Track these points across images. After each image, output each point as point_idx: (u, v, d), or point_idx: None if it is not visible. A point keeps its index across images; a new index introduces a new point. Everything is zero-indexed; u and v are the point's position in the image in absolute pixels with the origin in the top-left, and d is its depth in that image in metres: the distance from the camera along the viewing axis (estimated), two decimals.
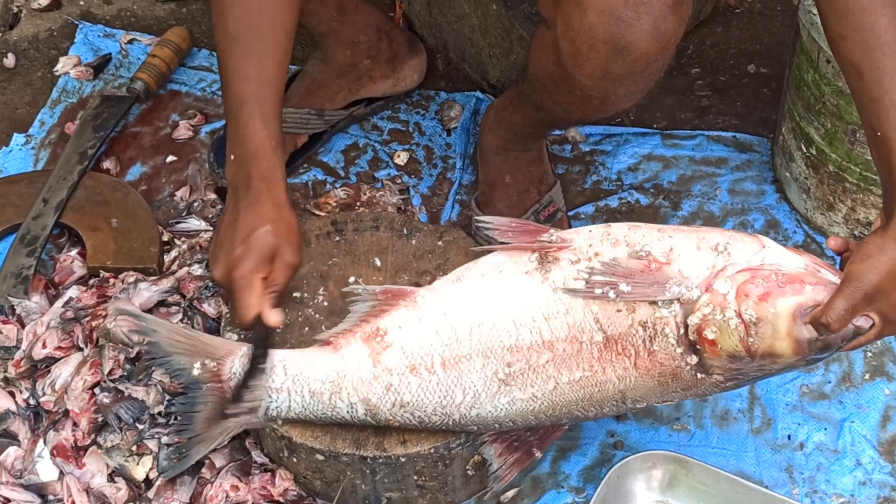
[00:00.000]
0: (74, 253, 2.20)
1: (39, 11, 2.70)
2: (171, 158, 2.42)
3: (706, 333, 1.64)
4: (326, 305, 1.95)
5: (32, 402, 1.98)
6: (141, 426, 1.91)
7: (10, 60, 2.59)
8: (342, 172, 2.40)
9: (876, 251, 1.60)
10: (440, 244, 2.03)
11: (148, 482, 1.89)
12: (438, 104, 2.52)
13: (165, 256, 2.18)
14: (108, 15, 2.70)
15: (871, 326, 1.61)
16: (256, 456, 1.92)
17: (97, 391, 1.95)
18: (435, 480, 1.87)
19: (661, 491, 1.92)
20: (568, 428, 1.87)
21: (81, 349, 2.00)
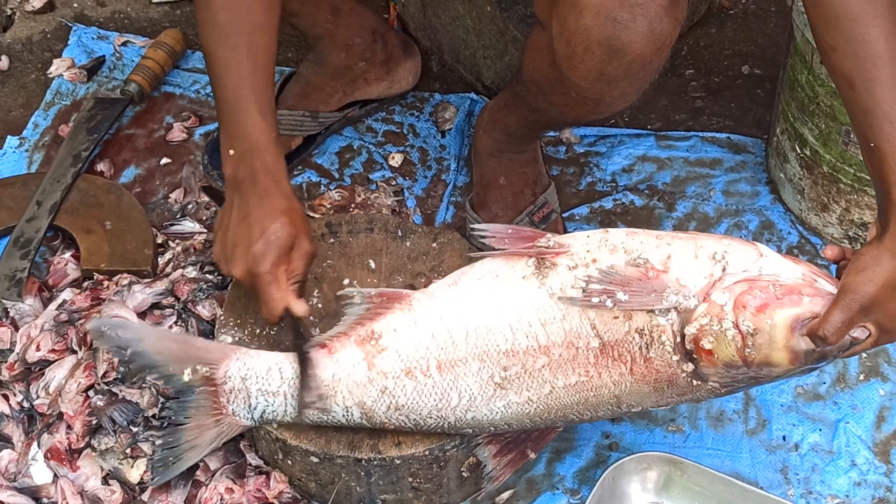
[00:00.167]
0: (68, 255, 2.20)
1: (33, 13, 2.69)
2: (165, 160, 2.41)
3: (703, 343, 1.64)
4: (321, 308, 1.94)
5: (26, 404, 1.98)
6: (135, 429, 1.91)
7: (3, 62, 2.59)
8: (336, 174, 2.40)
9: (872, 262, 1.59)
10: (435, 246, 2.03)
11: (142, 485, 1.89)
12: (433, 106, 2.52)
13: (159, 259, 2.18)
14: (101, 17, 2.70)
15: (867, 336, 1.61)
16: (251, 458, 1.92)
17: (91, 394, 1.94)
18: (430, 482, 1.87)
19: (655, 492, 1.92)
20: (563, 429, 1.87)
21: (75, 352, 2.00)
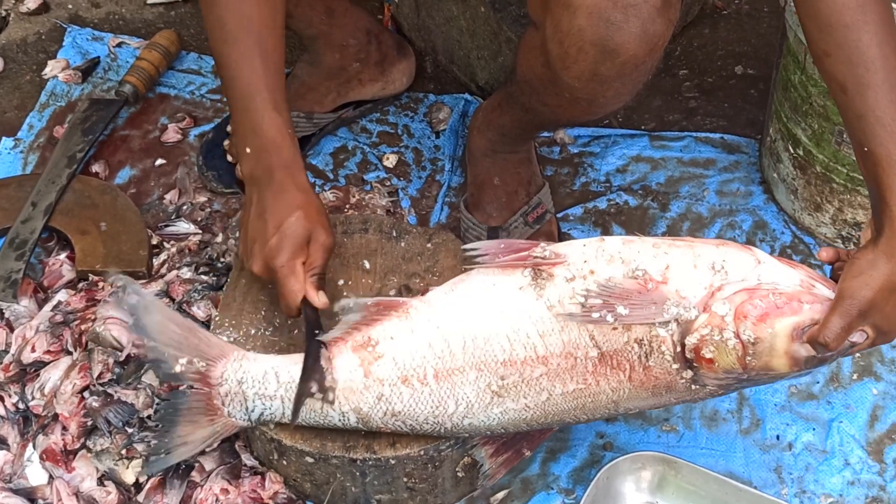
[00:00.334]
0: (63, 257, 2.19)
1: (28, 15, 2.69)
2: (159, 161, 2.41)
3: (704, 353, 1.64)
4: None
5: (21, 406, 1.97)
6: (130, 430, 1.91)
7: None
8: (331, 175, 2.40)
9: (868, 267, 1.60)
10: (429, 246, 2.02)
11: (138, 486, 1.89)
12: (427, 106, 2.52)
13: (154, 260, 2.18)
14: (96, 18, 2.69)
15: (864, 339, 1.63)
16: (246, 459, 1.91)
17: (86, 395, 1.94)
18: (425, 482, 1.87)
19: (650, 492, 1.92)
20: (558, 430, 1.86)
21: (70, 353, 2.00)
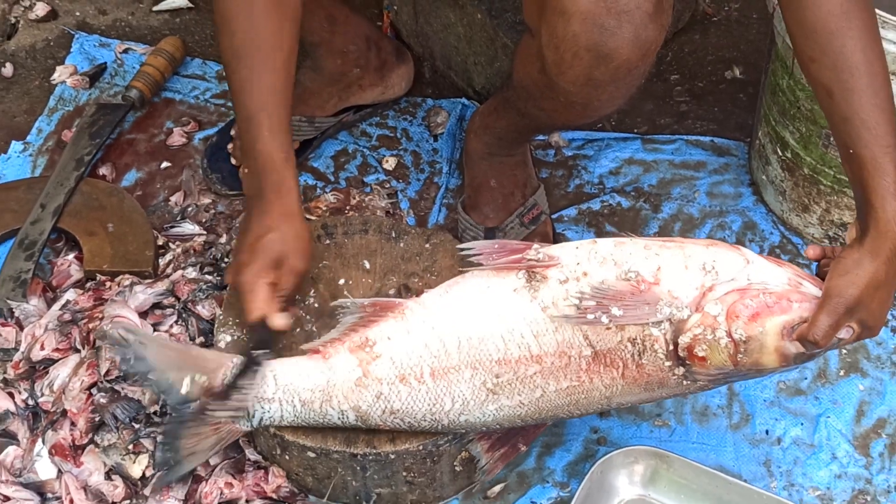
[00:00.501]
0: (71, 257, 2.19)
1: (36, 22, 2.69)
2: (165, 164, 2.41)
3: (696, 351, 1.65)
4: (317, 307, 1.94)
5: (31, 402, 1.97)
6: (137, 425, 1.91)
7: (7, 70, 2.58)
8: (332, 177, 2.40)
9: (853, 266, 1.62)
10: (427, 247, 2.02)
11: (144, 480, 1.89)
12: (425, 111, 2.51)
13: (160, 260, 2.18)
14: (103, 25, 2.69)
15: (851, 334, 1.64)
16: (250, 454, 1.91)
17: (94, 391, 1.94)
18: (423, 476, 1.87)
19: (642, 485, 1.92)
20: (553, 425, 1.87)
21: (79, 351, 2.00)
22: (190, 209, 2.29)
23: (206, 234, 2.21)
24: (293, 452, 1.85)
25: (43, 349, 2.00)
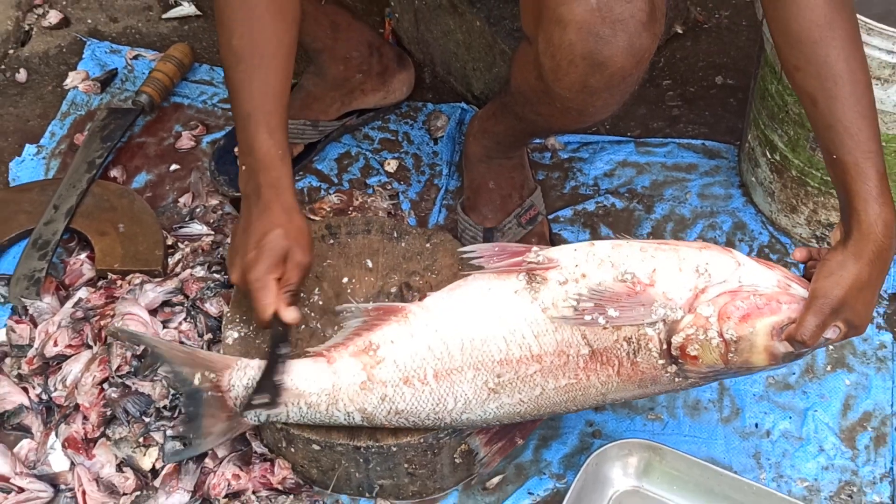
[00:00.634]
0: (84, 256, 2.19)
1: (49, 29, 2.69)
2: (174, 167, 2.41)
3: (689, 350, 1.66)
4: (321, 305, 1.94)
5: (45, 397, 1.97)
6: (147, 419, 1.91)
7: (21, 75, 2.59)
8: (336, 179, 2.40)
9: (838, 267, 1.63)
10: (428, 246, 2.03)
11: (154, 472, 1.89)
12: (426, 115, 2.51)
13: (169, 259, 2.18)
14: (114, 32, 2.69)
15: (837, 334, 1.66)
16: (256, 446, 1.91)
17: (106, 386, 1.94)
18: (424, 468, 1.87)
19: (636, 477, 1.92)
20: (550, 418, 1.87)
21: (91, 347, 2.00)
22: (198, 210, 2.29)
23: (213, 234, 2.21)
24: (298, 445, 1.85)
25: (56, 345, 2.00)
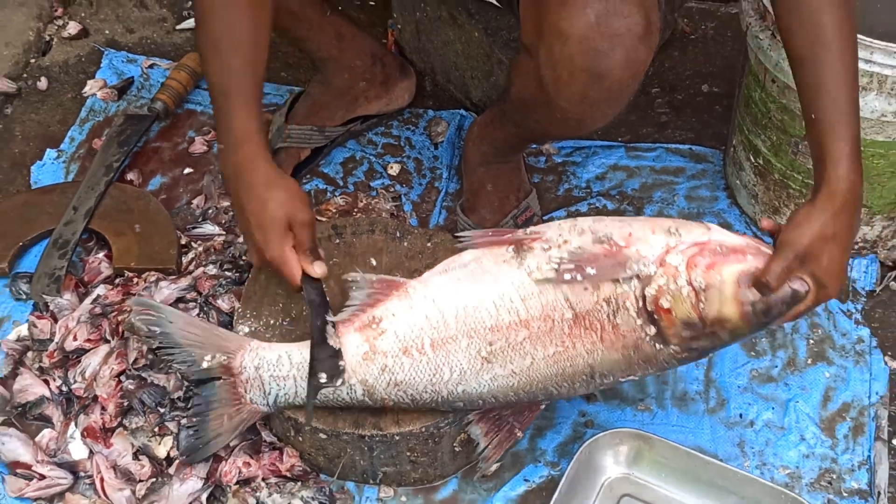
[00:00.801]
0: (102, 255, 2.19)
1: (69, 39, 2.69)
2: (187, 170, 2.41)
3: (661, 302, 1.65)
4: (329, 300, 1.94)
5: (65, 388, 1.98)
6: (162, 410, 1.91)
7: (43, 83, 2.59)
8: (341, 182, 2.40)
9: (804, 220, 1.63)
10: (429, 245, 2.03)
11: (169, 460, 1.89)
12: (427, 121, 2.52)
13: (183, 258, 2.18)
14: (130, 42, 2.69)
15: (806, 291, 1.64)
16: (266, 436, 1.92)
17: (123, 378, 1.94)
18: (426, 456, 1.87)
19: (627, 465, 1.92)
20: (545, 409, 1.86)
21: (108, 341, 2.00)
22: (210, 211, 2.29)
23: (225, 234, 2.21)
24: (306, 434, 1.85)
25: (76, 340, 2.00)
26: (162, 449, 1.89)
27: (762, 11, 2.05)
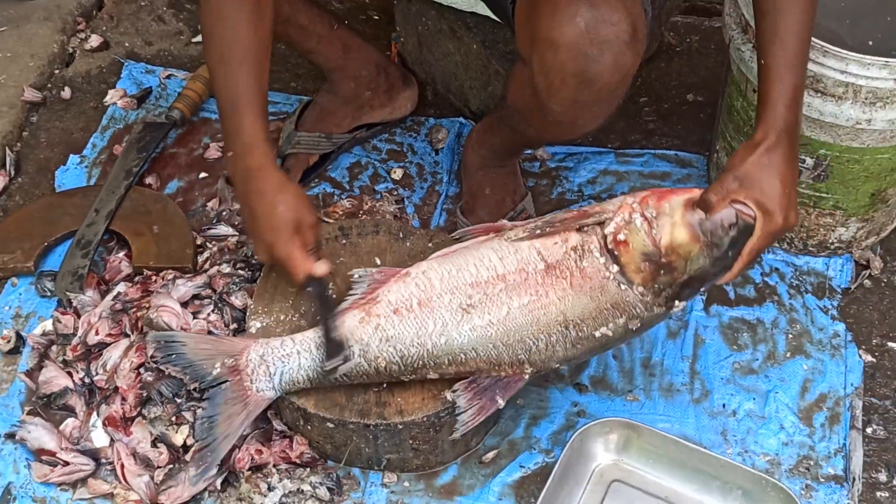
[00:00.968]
0: (122, 255, 2.20)
1: (91, 52, 2.69)
2: (203, 175, 2.41)
3: (619, 236, 1.71)
4: (335, 298, 1.94)
5: (87, 380, 1.98)
6: (179, 400, 1.91)
7: (66, 93, 2.59)
8: (347, 186, 2.40)
9: (743, 150, 1.68)
10: (430, 245, 2.03)
11: (185, 447, 1.90)
12: (428, 128, 2.52)
13: (199, 257, 2.18)
14: (149, 54, 2.70)
15: (753, 219, 1.65)
16: (277, 424, 1.92)
17: (142, 371, 1.95)
18: (427, 444, 1.88)
19: (616, 452, 1.93)
20: (539, 399, 1.86)
21: (128, 335, 2.01)
22: (224, 213, 2.29)
23: (238, 234, 2.21)
24: (314, 423, 1.85)
25: (97, 334, 2.01)
26: (179, 437, 1.90)
27: (744, 25, 2.05)
